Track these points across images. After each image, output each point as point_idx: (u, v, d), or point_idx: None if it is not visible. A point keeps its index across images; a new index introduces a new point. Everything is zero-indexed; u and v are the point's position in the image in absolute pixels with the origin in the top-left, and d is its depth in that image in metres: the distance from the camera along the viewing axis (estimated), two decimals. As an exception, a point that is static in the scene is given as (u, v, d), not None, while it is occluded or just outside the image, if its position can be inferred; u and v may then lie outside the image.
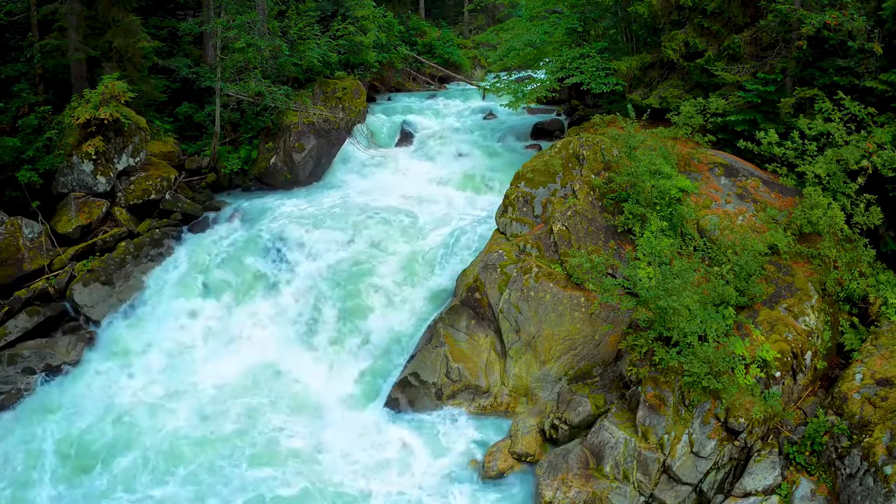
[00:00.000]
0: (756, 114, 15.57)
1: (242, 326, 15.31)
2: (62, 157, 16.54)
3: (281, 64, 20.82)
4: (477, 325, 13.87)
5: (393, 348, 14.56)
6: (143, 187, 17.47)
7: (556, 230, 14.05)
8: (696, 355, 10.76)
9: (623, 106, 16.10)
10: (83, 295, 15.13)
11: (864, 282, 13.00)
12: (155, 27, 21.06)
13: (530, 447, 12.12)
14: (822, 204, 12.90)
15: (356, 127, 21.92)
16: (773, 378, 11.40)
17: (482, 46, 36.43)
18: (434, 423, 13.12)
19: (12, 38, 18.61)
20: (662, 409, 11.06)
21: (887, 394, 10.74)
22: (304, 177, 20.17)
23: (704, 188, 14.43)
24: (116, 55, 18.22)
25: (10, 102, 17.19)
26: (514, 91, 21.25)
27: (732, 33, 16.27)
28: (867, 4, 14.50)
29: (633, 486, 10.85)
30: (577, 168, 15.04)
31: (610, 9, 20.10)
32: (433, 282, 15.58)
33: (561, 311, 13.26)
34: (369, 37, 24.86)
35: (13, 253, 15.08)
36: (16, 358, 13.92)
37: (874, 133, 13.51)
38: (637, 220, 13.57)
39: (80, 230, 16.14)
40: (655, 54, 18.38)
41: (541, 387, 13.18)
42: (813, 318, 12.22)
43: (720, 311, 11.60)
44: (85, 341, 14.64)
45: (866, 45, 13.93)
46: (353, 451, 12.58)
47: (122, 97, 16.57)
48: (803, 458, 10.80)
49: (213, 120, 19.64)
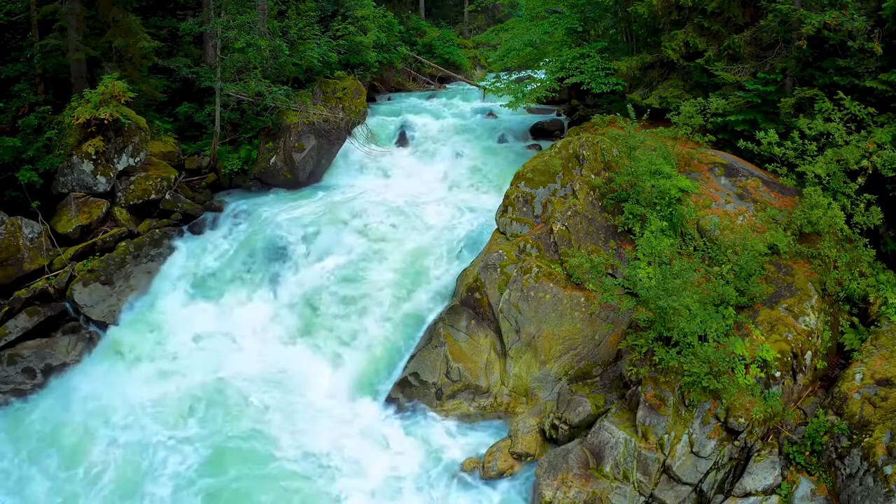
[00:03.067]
0: (756, 114, 15.57)
1: (243, 326, 15.30)
2: (62, 157, 16.55)
3: (281, 64, 20.81)
4: (477, 325, 13.87)
5: (393, 348, 14.55)
6: (143, 187, 17.47)
7: (556, 230, 14.05)
8: (696, 355, 10.76)
9: (623, 106, 16.10)
10: (83, 295, 15.13)
11: (864, 282, 12.99)
12: (155, 27, 21.06)
13: (530, 447, 12.13)
14: (822, 204, 12.89)
15: (356, 127, 21.91)
16: (773, 378, 11.40)
17: (482, 46, 36.43)
18: (434, 422, 13.12)
19: (12, 38, 18.62)
20: (662, 409, 11.06)
21: (887, 394, 10.74)
22: (305, 177, 20.18)
23: (704, 188, 14.43)
24: (116, 55, 18.22)
25: (10, 102, 17.21)
26: (514, 91, 21.25)
27: (732, 33, 16.27)
28: (867, 4, 14.50)
29: (633, 486, 10.85)
30: (577, 168, 15.04)
31: (610, 9, 20.09)
32: (433, 282, 15.58)
33: (561, 311, 13.26)
34: (369, 37, 24.86)
35: (13, 253, 15.08)
36: (16, 358, 13.93)
37: (874, 133, 13.51)
38: (637, 220, 13.57)
39: (80, 230, 16.14)
40: (655, 54, 18.38)
41: (541, 387, 13.18)
42: (813, 318, 12.22)
43: (720, 311, 11.60)
44: (85, 341, 14.64)
45: (866, 45, 13.92)
46: (353, 451, 12.58)
47: (122, 97, 16.58)
48: (803, 458, 10.80)
49: (213, 120, 19.64)
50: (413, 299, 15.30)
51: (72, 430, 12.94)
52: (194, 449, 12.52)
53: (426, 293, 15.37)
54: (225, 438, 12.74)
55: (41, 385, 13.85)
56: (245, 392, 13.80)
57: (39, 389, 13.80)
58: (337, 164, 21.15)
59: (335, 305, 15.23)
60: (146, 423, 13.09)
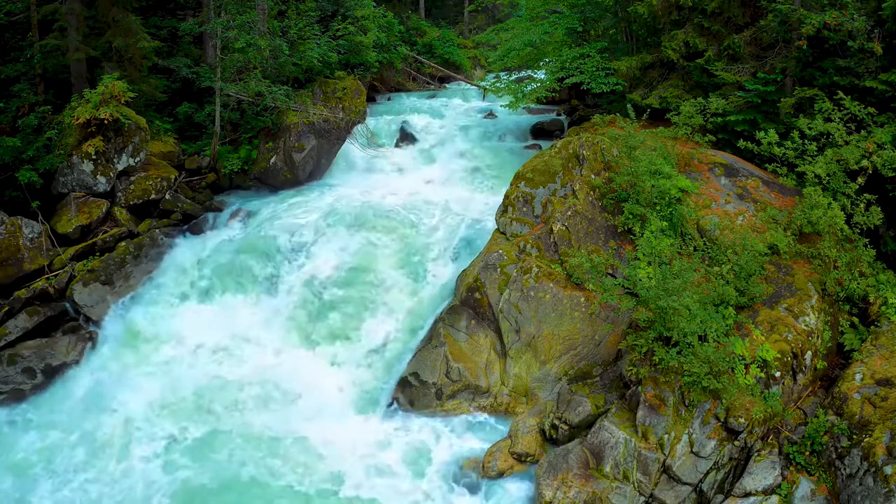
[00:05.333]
0: (756, 114, 15.57)
1: (242, 326, 15.29)
2: (62, 157, 16.54)
3: (281, 64, 20.81)
4: (477, 324, 13.87)
5: (393, 348, 14.55)
6: (143, 187, 17.47)
7: (556, 230, 14.05)
8: (696, 355, 10.76)
9: (623, 106, 16.10)
10: (83, 295, 15.12)
11: (864, 282, 12.99)
12: (155, 27, 21.05)
13: (530, 447, 12.13)
14: (822, 204, 12.89)
15: (356, 127, 21.90)
16: (773, 378, 11.40)
17: (482, 46, 36.40)
18: (434, 422, 13.12)
19: (12, 38, 18.61)
20: (662, 409, 11.06)
21: (887, 394, 10.74)
22: (305, 177, 20.17)
23: (704, 188, 14.43)
24: (116, 55, 18.21)
25: (10, 102, 17.19)
26: (514, 91, 21.26)
27: (732, 33, 16.27)
28: (867, 4, 14.50)
29: (633, 486, 10.85)
30: (577, 168, 15.04)
31: (610, 9, 20.10)
32: (433, 281, 15.58)
33: (561, 311, 13.26)
34: (369, 37, 24.85)
35: (13, 253, 15.08)
36: (16, 358, 13.92)
37: (874, 133, 13.51)
38: (637, 220, 13.57)
39: (80, 230, 16.14)
40: (655, 54, 18.38)
41: (541, 387, 13.18)
42: (813, 318, 12.22)
43: (720, 311, 11.60)
44: (85, 341, 14.64)
45: (866, 45, 13.93)
46: (353, 451, 12.58)
47: (122, 97, 16.57)
48: (803, 458, 10.80)
49: (213, 120, 19.64)
50: (413, 299, 15.30)
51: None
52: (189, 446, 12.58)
53: (426, 293, 15.37)
54: (225, 440, 12.75)
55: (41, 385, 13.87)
56: (245, 392, 13.79)
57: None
58: (337, 164, 21.15)
59: (334, 305, 15.21)
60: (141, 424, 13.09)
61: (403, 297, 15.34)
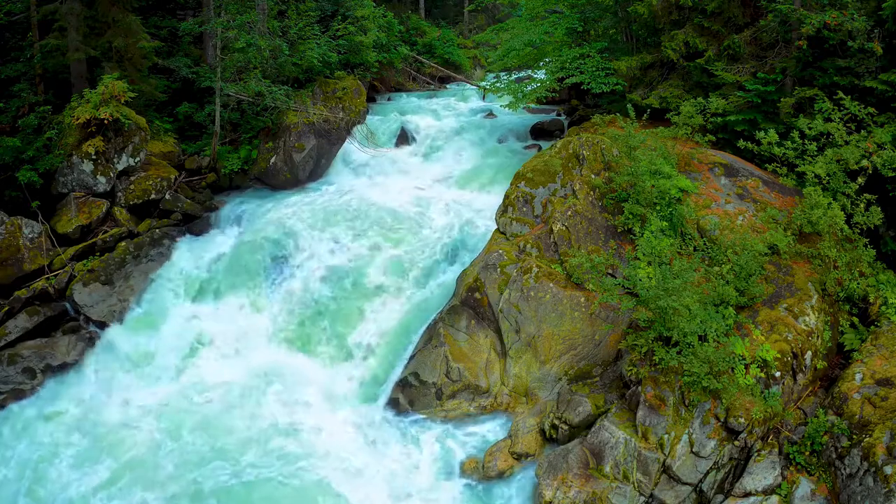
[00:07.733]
0: (756, 114, 15.57)
1: (242, 326, 15.29)
2: (62, 157, 16.53)
3: (281, 64, 20.81)
4: (477, 324, 13.87)
5: (392, 348, 14.55)
6: (143, 187, 17.47)
7: (556, 230, 14.05)
8: (696, 355, 10.76)
9: (623, 106, 16.10)
10: (83, 295, 15.12)
11: (864, 282, 13.00)
12: (155, 27, 21.06)
13: (530, 447, 12.13)
14: (822, 204, 12.89)
15: (356, 127, 21.91)
16: (773, 378, 11.40)
17: (482, 46, 36.40)
18: (434, 422, 13.12)
19: (12, 38, 18.60)
20: (662, 409, 11.06)
21: (887, 394, 10.74)
22: (305, 177, 20.17)
23: (704, 188, 14.43)
24: (116, 55, 18.21)
25: (10, 102, 17.18)
26: (514, 91, 21.24)
27: (732, 33, 16.27)
28: (867, 4, 14.50)
29: (633, 485, 10.85)
30: (577, 168, 15.04)
31: (610, 9, 20.10)
32: (433, 281, 15.59)
33: (561, 311, 13.26)
34: (369, 37, 24.85)
35: (13, 253, 15.08)
36: (16, 358, 13.91)
37: (874, 133, 13.51)
38: (637, 219, 13.57)
39: (80, 230, 16.14)
40: (655, 54, 18.38)
41: (541, 387, 13.18)
42: (813, 318, 12.22)
43: (720, 311, 11.59)
44: (85, 341, 14.63)
45: (866, 45, 13.93)
46: (353, 452, 12.57)
47: (122, 97, 16.56)
48: (803, 458, 10.80)
49: (213, 120, 19.64)
50: (412, 299, 15.31)
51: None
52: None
53: (426, 293, 15.37)
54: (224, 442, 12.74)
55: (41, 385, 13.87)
56: (243, 393, 13.80)
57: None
58: (337, 164, 21.15)
59: (334, 305, 15.22)
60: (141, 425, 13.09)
61: (402, 297, 15.35)
